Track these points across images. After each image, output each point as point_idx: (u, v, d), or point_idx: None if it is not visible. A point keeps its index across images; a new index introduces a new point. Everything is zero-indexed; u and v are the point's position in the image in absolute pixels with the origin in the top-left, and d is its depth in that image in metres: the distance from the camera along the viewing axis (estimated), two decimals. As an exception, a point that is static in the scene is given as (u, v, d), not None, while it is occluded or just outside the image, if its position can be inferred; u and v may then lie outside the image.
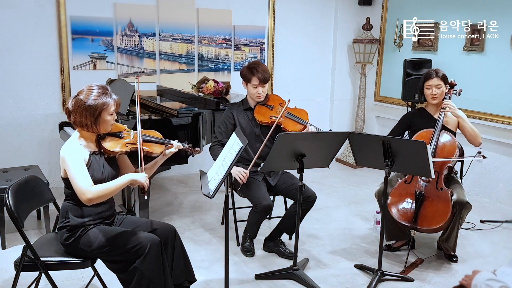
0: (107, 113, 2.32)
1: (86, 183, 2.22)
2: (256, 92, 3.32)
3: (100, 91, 2.32)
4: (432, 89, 3.28)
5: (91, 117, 2.29)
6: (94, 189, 2.22)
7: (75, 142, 2.34)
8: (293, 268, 3.06)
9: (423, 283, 3.07)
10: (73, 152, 2.29)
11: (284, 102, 3.43)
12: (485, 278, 1.59)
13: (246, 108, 3.43)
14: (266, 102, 3.42)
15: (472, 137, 3.27)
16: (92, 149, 2.37)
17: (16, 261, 2.32)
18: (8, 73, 4.41)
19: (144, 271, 2.26)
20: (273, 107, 3.41)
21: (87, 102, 2.27)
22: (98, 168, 2.34)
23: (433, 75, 3.29)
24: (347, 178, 5.41)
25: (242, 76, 3.37)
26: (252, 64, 3.35)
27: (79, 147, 2.32)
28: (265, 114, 3.37)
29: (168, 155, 2.55)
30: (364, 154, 3.01)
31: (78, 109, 2.28)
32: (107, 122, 2.34)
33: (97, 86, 2.35)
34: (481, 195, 4.73)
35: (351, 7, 5.89)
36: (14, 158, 4.45)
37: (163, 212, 4.18)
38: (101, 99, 2.30)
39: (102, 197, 2.24)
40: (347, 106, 6.21)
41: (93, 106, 2.28)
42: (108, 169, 2.39)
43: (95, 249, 2.31)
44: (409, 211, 3.15)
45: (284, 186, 3.37)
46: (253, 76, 3.29)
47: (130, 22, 4.84)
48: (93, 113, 2.28)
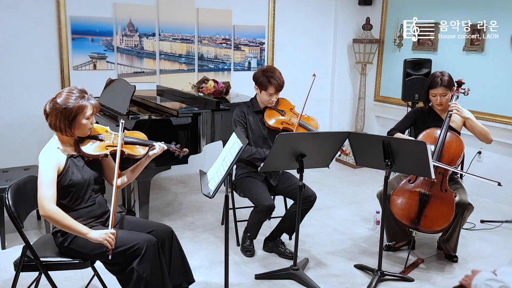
0: (83, 116, 2.28)
1: (49, 195, 2.19)
2: (269, 99, 3.31)
3: (77, 94, 2.28)
4: (437, 97, 3.24)
5: (66, 120, 2.25)
6: (52, 207, 2.19)
7: (53, 146, 2.31)
8: (293, 268, 3.06)
9: (423, 283, 3.07)
10: (47, 158, 2.25)
11: (293, 107, 3.43)
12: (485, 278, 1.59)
13: (256, 111, 3.41)
14: (277, 107, 3.40)
15: (482, 136, 3.23)
16: (70, 152, 2.34)
17: (16, 261, 2.32)
18: (8, 73, 4.40)
19: (142, 272, 2.25)
20: (285, 112, 3.38)
21: (63, 105, 2.24)
22: (77, 171, 2.31)
23: (438, 83, 3.21)
24: (347, 178, 5.40)
25: (258, 82, 3.30)
26: (269, 71, 3.28)
27: (55, 152, 2.28)
28: (276, 119, 3.34)
29: (152, 157, 2.52)
30: (364, 154, 3.01)
31: (54, 111, 2.25)
32: (83, 126, 2.30)
33: (76, 89, 2.31)
34: (481, 195, 4.73)
35: (351, 7, 5.89)
36: (14, 158, 4.45)
37: (163, 212, 4.18)
38: (77, 102, 2.26)
39: (53, 220, 2.20)
40: (347, 106, 6.21)
41: (68, 109, 2.24)
42: (89, 172, 2.36)
43: (91, 251, 2.30)
44: (412, 211, 3.14)
45: (284, 186, 3.37)
46: (270, 85, 3.25)
47: (130, 22, 4.84)
48: (68, 116, 2.24)
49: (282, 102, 3.46)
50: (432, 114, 3.36)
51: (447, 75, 3.25)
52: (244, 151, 3.19)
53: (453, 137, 3.20)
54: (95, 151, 2.36)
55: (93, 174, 2.38)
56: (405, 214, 3.15)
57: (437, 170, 3.10)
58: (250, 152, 3.26)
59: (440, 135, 3.18)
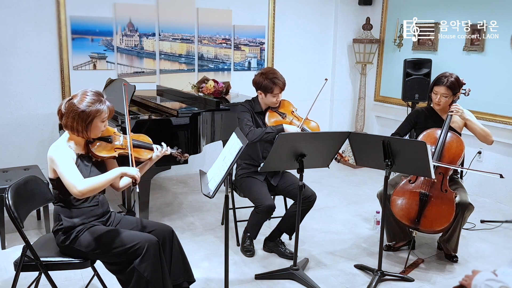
0: (100, 120, 2.31)
1: (76, 177, 2.21)
2: (276, 100, 3.31)
3: (95, 98, 2.30)
4: (438, 96, 3.23)
5: (83, 123, 2.27)
6: (84, 181, 2.21)
7: (64, 143, 2.33)
8: (293, 268, 3.06)
9: (423, 283, 3.07)
10: (61, 151, 2.27)
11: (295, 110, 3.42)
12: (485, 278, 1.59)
13: (258, 112, 3.40)
14: (278, 109, 3.40)
15: (483, 137, 3.23)
16: (80, 152, 2.36)
17: (16, 261, 2.32)
18: (8, 73, 4.40)
19: (142, 272, 2.26)
20: (286, 115, 3.38)
21: (81, 107, 2.26)
22: (85, 171, 2.32)
23: (442, 82, 3.20)
24: (347, 178, 5.40)
25: (261, 87, 3.28)
26: (270, 74, 3.28)
27: (67, 148, 2.30)
28: (277, 122, 3.33)
29: (155, 160, 2.56)
30: (364, 154, 3.01)
31: (71, 113, 2.27)
32: (98, 128, 2.33)
33: (92, 92, 2.33)
34: (481, 195, 4.73)
35: (351, 7, 5.89)
36: (14, 158, 4.45)
37: (163, 212, 4.18)
38: (95, 106, 2.28)
39: (93, 190, 2.22)
40: (347, 106, 6.21)
41: (86, 112, 2.26)
42: (96, 172, 2.37)
43: (92, 250, 2.30)
44: (412, 211, 3.14)
45: (285, 185, 3.37)
46: (276, 86, 3.25)
47: (130, 22, 4.83)
48: (85, 119, 2.27)
49: (284, 104, 3.45)
50: (433, 114, 3.36)
51: (454, 77, 3.22)
52: (253, 134, 3.19)
53: (453, 138, 3.20)
54: (104, 153, 2.38)
55: (99, 174, 2.38)
56: (405, 214, 3.15)
57: (437, 170, 3.11)
58: (260, 132, 3.20)
59: (441, 135, 3.18)
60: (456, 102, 3.25)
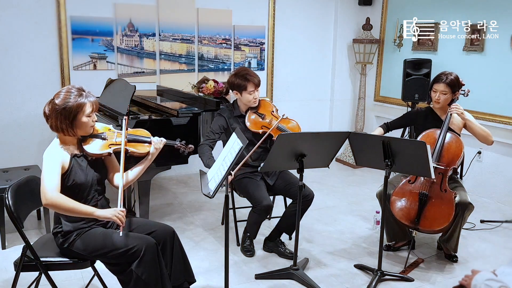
0: (83, 114, 2.26)
1: (52, 184, 2.16)
2: (252, 97, 3.32)
3: (75, 93, 2.26)
4: (437, 94, 3.24)
5: (66, 120, 2.23)
6: (57, 194, 2.16)
7: (56, 146, 2.30)
8: (293, 268, 3.07)
9: (423, 283, 3.07)
10: (51, 155, 2.24)
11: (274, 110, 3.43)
12: (485, 278, 1.59)
13: (238, 115, 3.41)
14: (258, 110, 3.41)
15: (483, 138, 3.23)
16: (73, 152, 2.32)
17: (16, 261, 2.32)
18: (8, 73, 4.40)
19: (140, 275, 2.24)
20: (264, 116, 3.39)
21: (62, 105, 2.22)
22: (81, 171, 2.30)
23: (442, 79, 3.22)
24: (347, 178, 5.41)
25: (235, 86, 3.32)
26: (242, 71, 3.33)
27: (59, 151, 2.27)
28: (256, 123, 3.35)
29: (155, 155, 2.50)
30: (364, 154, 3.01)
31: (53, 113, 2.23)
32: (85, 124, 2.29)
33: (71, 87, 2.29)
34: (481, 195, 4.73)
35: (351, 7, 5.89)
36: (14, 158, 4.45)
37: (163, 212, 4.18)
38: (76, 101, 2.23)
39: (58, 206, 2.17)
40: (347, 106, 6.21)
41: (67, 108, 2.22)
42: (92, 172, 2.35)
43: (90, 252, 2.30)
44: (411, 211, 3.14)
45: (283, 185, 3.37)
46: (249, 83, 3.27)
47: (130, 22, 4.84)
48: (68, 116, 2.22)
49: (263, 104, 3.46)
50: (431, 114, 3.37)
51: (454, 75, 3.25)
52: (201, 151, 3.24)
53: (452, 138, 3.20)
54: (98, 150, 2.34)
55: (96, 175, 2.37)
56: (405, 214, 3.15)
57: (437, 170, 3.11)
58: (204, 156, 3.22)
59: (440, 135, 3.18)
60: (455, 102, 3.25)
